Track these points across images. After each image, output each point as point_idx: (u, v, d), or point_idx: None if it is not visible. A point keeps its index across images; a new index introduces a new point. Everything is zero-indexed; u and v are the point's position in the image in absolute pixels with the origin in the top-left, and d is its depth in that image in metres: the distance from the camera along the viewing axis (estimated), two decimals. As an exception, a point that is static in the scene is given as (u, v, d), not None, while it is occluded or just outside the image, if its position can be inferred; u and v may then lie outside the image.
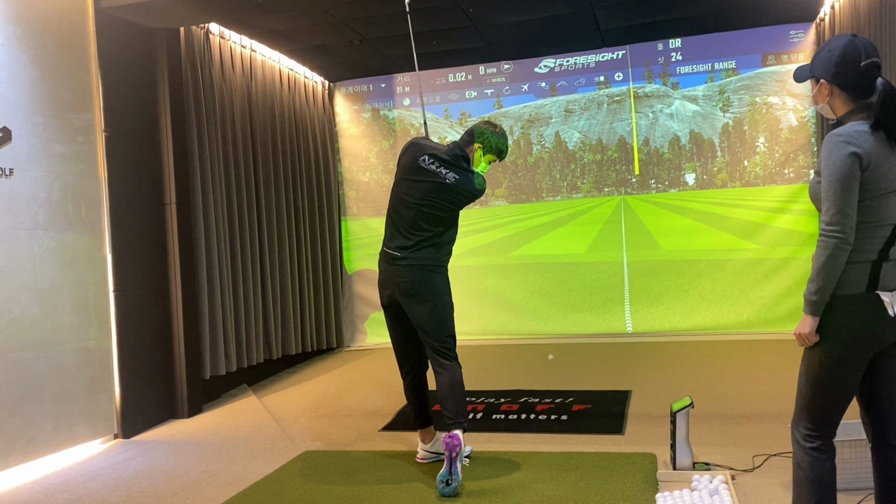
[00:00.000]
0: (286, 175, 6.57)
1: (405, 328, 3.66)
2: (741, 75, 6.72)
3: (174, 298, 5.05)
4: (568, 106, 7.32)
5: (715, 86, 6.81)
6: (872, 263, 2.10)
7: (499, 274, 7.38)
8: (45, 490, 3.72)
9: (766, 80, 6.66)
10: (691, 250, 6.90)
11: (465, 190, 3.56)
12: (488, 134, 3.66)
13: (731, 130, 6.80)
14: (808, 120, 6.57)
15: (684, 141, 6.96)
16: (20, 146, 4.05)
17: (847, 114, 2.18)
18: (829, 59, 2.18)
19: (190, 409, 5.05)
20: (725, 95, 6.78)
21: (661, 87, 6.97)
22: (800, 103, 6.57)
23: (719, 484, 3.10)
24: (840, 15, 5.54)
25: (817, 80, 2.23)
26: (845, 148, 2.06)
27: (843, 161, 2.05)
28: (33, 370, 4.05)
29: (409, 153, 3.65)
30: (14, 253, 3.99)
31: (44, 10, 4.24)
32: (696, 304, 6.77)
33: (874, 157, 2.08)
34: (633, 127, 7.06)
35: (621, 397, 4.79)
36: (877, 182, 2.08)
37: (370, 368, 6.35)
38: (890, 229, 2.11)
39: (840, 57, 2.15)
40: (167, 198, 5.04)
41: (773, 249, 6.60)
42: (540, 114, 7.39)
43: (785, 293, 6.52)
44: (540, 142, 7.42)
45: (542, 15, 5.84)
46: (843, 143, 2.07)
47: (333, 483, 3.54)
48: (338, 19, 5.69)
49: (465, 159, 3.63)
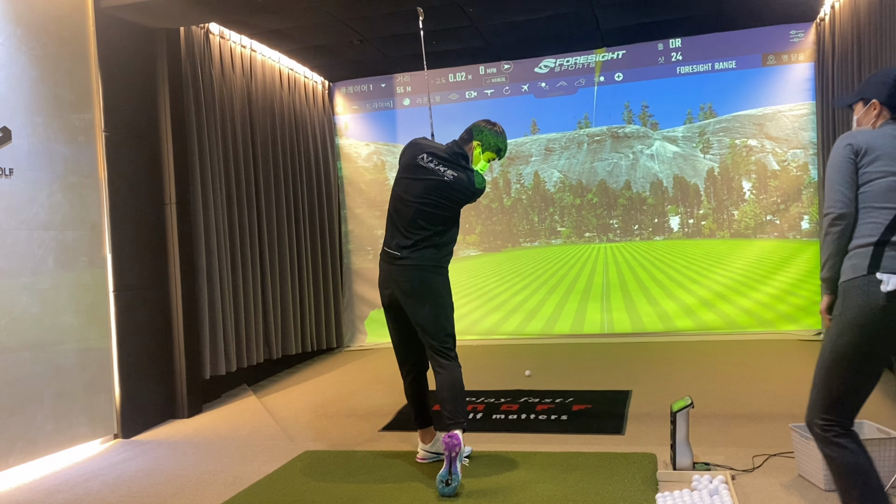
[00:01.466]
0: (286, 175, 6.57)
1: (405, 328, 3.66)
2: (718, 117, 6.73)
3: (174, 298, 5.05)
4: (549, 144, 7.29)
5: (694, 127, 6.81)
6: (874, 246, 2.14)
7: (499, 274, 7.38)
8: (45, 490, 3.72)
9: (743, 123, 6.68)
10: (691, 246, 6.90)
11: (464, 188, 3.56)
12: (487, 132, 3.66)
13: (716, 176, 6.78)
14: (788, 163, 6.55)
15: (667, 184, 6.95)
16: (20, 146, 4.05)
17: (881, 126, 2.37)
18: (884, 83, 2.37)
19: (190, 409, 5.05)
20: (705, 137, 6.78)
21: (640, 128, 6.98)
22: (778, 146, 6.57)
23: (719, 484, 3.10)
24: (840, 15, 5.54)
25: (866, 102, 2.42)
26: (843, 140, 2.29)
27: (839, 152, 2.27)
28: (33, 370, 4.05)
29: (409, 152, 3.66)
30: (14, 253, 3.99)
31: (44, 10, 4.24)
32: (697, 304, 6.77)
33: (872, 145, 2.23)
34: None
35: (621, 397, 4.78)
36: (874, 168, 2.20)
37: (370, 368, 6.35)
38: (892, 213, 2.16)
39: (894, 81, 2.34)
40: (167, 197, 5.04)
41: (772, 250, 6.60)
42: (520, 152, 7.37)
43: (785, 293, 6.52)
44: (519, 180, 7.37)
45: (542, 15, 5.84)
46: (843, 138, 2.29)
47: (333, 483, 3.54)
48: (338, 19, 5.69)
49: (465, 157, 3.63)
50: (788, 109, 6.51)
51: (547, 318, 7.12)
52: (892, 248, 2.13)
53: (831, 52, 5.81)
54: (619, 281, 7.01)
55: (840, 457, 2.23)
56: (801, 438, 3.23)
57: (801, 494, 3.07)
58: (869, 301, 2.11)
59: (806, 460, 3.21)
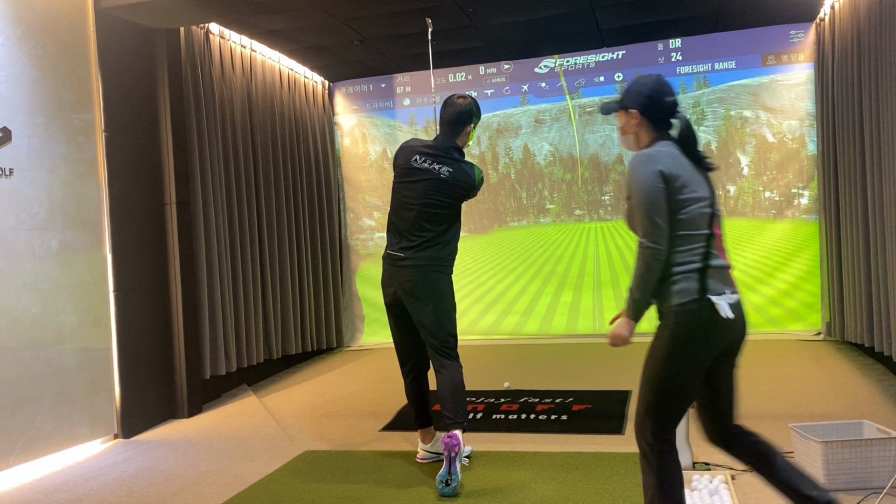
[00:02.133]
0: (286, 175, 6.57)
1: (408, 328, 3.66)
2: (713, 87, 6.69)
3: (174, 298, 5.05)
4: (538, 116, 7.17)
5: (688, 98, 6.76)
6: (699, 271, 2.23)
7: (489, 261, 7.37)
8: (45, 490, 3.72)
9: (738, 93, 6.61)
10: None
11: (461, 181, 3.55)
12: (476, 110, 3.63)
13: (711, 150, 6.69)
14: (784, 136, 6.51)
15: None
16: (20, 146, 4.05)
17: (650, 141, 2.39)
18: (640, 92, 2.40)
19: (190, 409, 5.05)
20: (699, 108, 6.73)
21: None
22: (773, 118, 6.55)
23: (719, 484, 3.10)
24: (840, 15, 5.54)
25: (627, 111, 2.44)
26: (650, 166, 2.25)
27: (649, 178, 2.23)
28: (33, 370, 4.05)
29: (402, 156, 3.65)
30: (14, 253, 3.99)
31: (44, 10, 4.24)
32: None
33: (678, 172, 2.25)
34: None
35: (621, 397, 4.78)
36: (685, 196, 2.24)
37: (370, 368, 6.35)
38: (704, 238, 2.26)
39: (650, 91, 2.38)
40: (167, 198, 5.04)
41: (772, 249, 6.60)
42: (510, 123, 7.26)
43: (785, 293, 6.52)
44: (508, 154, 7.23)
45: (542, 15, 5.84)
46: (647, 162, 2.26)
47: (333, 483, 3.54)
48: (338, 19, 5.69)
49: (457, 150, 3.61)
50: (784, 79, 6.47)
51: (542, 317, 7.10)
52: (712, 272, 2.24)
53: (831, 52, 5.81)
54: (610, 277, 6.97)
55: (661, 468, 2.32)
56: (801, 438, 3.23)
57: (801, 494, 3.07)
58: (702, 322, 2.20)
59: (806, 460, 3.21)
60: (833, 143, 5.83)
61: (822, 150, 6.07)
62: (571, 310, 7.07)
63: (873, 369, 5.08)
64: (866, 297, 5.10)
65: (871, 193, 4.87)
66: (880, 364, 5.12)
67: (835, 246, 5.87)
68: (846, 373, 5.08)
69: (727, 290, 2.26)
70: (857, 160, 5.20)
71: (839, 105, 5.61)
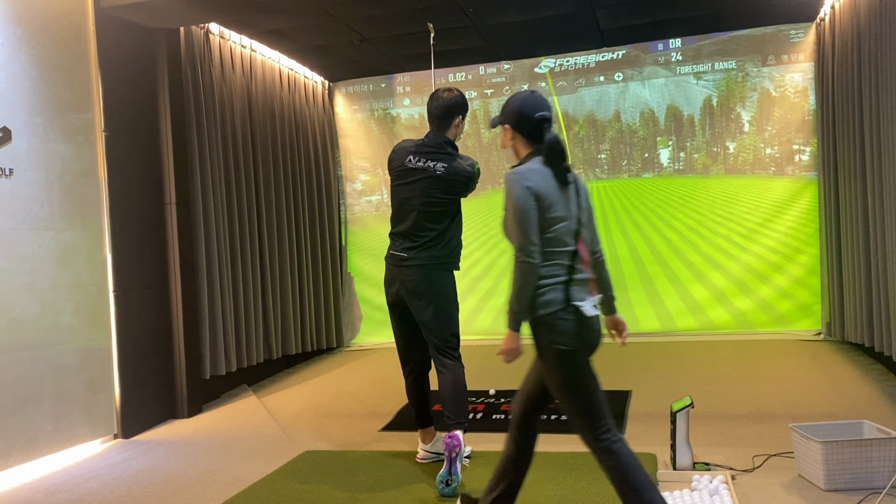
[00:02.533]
0: (286, 175, 6.57)
1: (410, 327, 3.66)
2: (713, 38, 6.58)
3: (174, 298, 5.05)
4: None
5: (689, 50, 6.67)
6: (564, 283, 2.44)
7: (497, 273, 7.38)
8: (45, 490, 3.72)
9: (740, 44, 6.50)
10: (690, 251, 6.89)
11: (458, 175, 3.54)
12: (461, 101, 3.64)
13: (712, 104, 6.54)
14: (786, 88, 6.40)
15: (658, 113, 6.66)
16: (20, 146, 4.05)
17: (527, 156, 2.55)
18: (511, 108, 2.57)
19: (190, 409, 5.05)
20: (699, 60, 6.61)
21: (630, 51, 6.82)
22: (776, 71, 6.49)
23: (719, 484, 3.10)
24: (840, 15, 5.54)
25: (503, 126, 2.62)
26: (522, 184, 2.42)
27: (521, 195, 2.41)
28: (33, 370, 4.05)
29: (396, 159, 3.64)
30: (14, 253, 3.99)
31: (44, 10, 4.24)
32: (697, 304, 6.77)
33: (546, 192, 2.43)
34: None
35: (621, 397, 4.78)
36: (552, 215, 2.44)
37: (370, 368, 6.35)
38: (569, 255, 2.46)
39: (519, 107, 2.54)
40: (167, 198, 5.04)
41: (773, 249, 6.60)
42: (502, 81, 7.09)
43: (785, 293, 6.52)
44: None
45: (542, 15, 5.84)
46: (519, 181, 2.43)
47: (333, 483, 3.54)
48: (338, 19, 5.69)
49: (450, 144, 3.61)
50: (788, 28, 6.42)
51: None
52: (574, 285, 2.45)
53: (831, 52, 5.81)
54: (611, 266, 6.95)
55: (620, 460, 2.43)
56: (801, 438, 3.23)
57: (801, 494, 3.07)
58: (573, 325, 2.40)
59: (806, 460, 3.21)
60: (833, 142, 5.83)
61: (822, 150, 6.07)
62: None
63: (873, 369, 5.08)
64: (866, 297, 5.10)
65: (871, 193, 4.87)
66: (880, 364, 5.12)
67: (835, 246, 5.87)
68: (846, 373, 5.08)
69: (587, 298, 2.48)
70: (858, 160, 5.20)
71: (839, 105, 5.60)
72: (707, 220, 6.81)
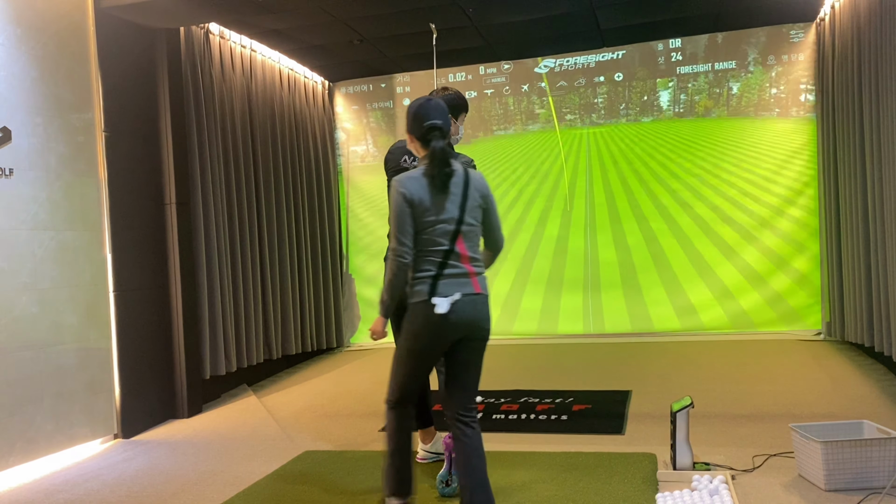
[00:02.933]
0: (286, 175, 6.57)
1: None
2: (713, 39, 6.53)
3: (174, 298, 5.05)
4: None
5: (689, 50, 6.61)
6: (432, 278, 2.66)
7: (499, 273, 7.38)
8: (45, 490, 3.72)
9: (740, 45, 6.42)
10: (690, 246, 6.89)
11: None
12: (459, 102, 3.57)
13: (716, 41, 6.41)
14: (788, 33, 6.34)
15: None
16: (20, 146, 4.05)
17: (421, 159, 2.76)
18: (407, 115, 2.78)
19: (190, 409, 5.05)
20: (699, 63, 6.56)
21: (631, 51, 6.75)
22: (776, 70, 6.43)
23: (719, 484, 3.10)
24: (840, 15, 5.54)
25: None
26: (398, 190, 2.65)
27: (397, 201, 2.64)
28: (33, 370, 4.05)
29: (392, 159, 3.62)
30: (14, 253, 3.99)
31: (44, 10, 4.24)
32: (696, 304, 6.77)
33: (420, 198, 2.63)
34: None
35: (621, 397, 4.78)
36: (426, 219, 2.64)
37: (370, 368, 6.35)
38: (441, 253, 2.66)
39: (412, 115, 2.74)
40: (167, 198, 5.04)
41: (772, 249, 6.60)
42: None
43: (785, 293, 6.52)
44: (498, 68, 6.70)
45: (542, 15, 5.84)
46: (396, 187, 2.65)
47: (333, 483, 3.54)
48: (338, 19, 5.69)
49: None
50: (788, 28, 6.36)
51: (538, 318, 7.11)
52: (443, 279, 2.66)
53: (831, 52, 5.81)
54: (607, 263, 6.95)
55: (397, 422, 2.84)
56: (801, 438, 3.23)
57: (801, 494, 3.07)
58: (428, 317, 2.64)
59: (806, 460, 3.21)
60: (833, 143, 5.83)
61: (822, 150, 6.07)
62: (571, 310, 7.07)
63: (873, 369, 5.08)
64: (866, 297, 5.10)
65: (871, 193, 4.87)
66: (880, 364, 5.12)
67: (835, 245, 5.87)
68: (846, 373, 5.08)
69: (457, 293, 2.65)
70: (858, 160, 5.20)
71: (839, 105, 5.60)
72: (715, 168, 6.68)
